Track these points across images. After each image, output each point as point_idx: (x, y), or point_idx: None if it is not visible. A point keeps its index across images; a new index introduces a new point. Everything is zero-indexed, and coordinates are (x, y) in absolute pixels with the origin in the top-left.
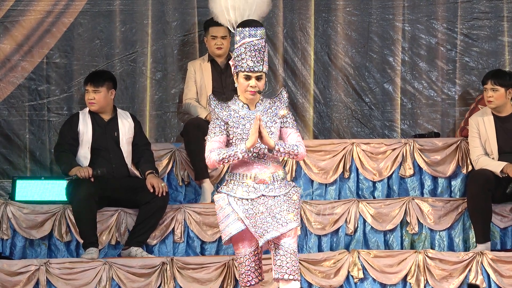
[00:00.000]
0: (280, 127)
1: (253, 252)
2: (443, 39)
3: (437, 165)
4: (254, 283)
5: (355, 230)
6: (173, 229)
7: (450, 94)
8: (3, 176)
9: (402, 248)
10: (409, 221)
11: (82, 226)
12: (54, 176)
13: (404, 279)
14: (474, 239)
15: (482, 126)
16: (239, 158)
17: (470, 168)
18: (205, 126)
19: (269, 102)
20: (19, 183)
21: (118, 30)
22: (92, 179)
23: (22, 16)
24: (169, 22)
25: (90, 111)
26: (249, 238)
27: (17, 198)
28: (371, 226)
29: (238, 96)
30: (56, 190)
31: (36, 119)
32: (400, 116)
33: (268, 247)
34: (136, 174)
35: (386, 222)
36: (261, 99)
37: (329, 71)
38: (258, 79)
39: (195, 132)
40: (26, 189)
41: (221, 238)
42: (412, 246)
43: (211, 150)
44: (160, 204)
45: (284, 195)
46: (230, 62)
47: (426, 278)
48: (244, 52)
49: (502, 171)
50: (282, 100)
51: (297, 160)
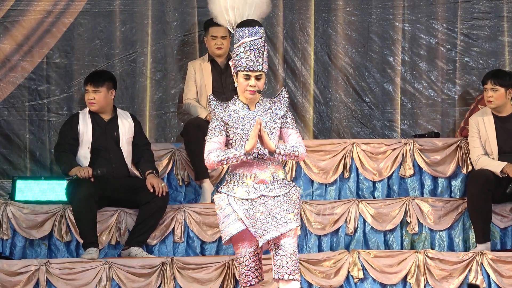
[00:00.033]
0: (280, 128)
1: (253, 252)
2: (443, 39)
3: (437, 165)
4: (254, 283)
5: (355, 230)
6: (173, 229)
7: (450, 94)
8: (3, 176)
9: (402, 248)
10: (409, 221)
11: (82, 226)
12: (54, 176)
13: (404, 279)
14: (474, 239)
15: (482, 126)
16: (238, 160)
17: (470, 168)
18: (205, 126)
19: (269, 102)
20: (19, 183)
21: (118, 30)
22: (92, 179)
23: (22, 16)
24: (169, 22)
25: (90, 111)
26: (249, 238)
27: (17, 198)
28: (371, 226)
29: (238, 96)
30: (56, 190)
31: (36, 119)
32: (400, 116)
33: (268, 247)
34: (136, 174)
35: (386, 222)
36: (261, 99)
37: (329, 71)
38: (258, 79)
39: (195, 132)
40: (26, 189)
41: (221, 238)
42: (412, 246)
43: (210, 151)
44: (160, 204)
45: (284, 195)
46: (230, 63)
47: (426, 278)
48: (243, 51)
49: (502, 171)
50: (282, 100)
51: (297, 161)
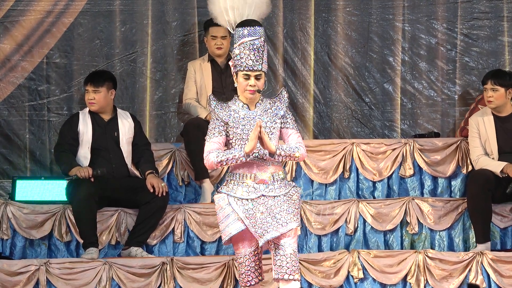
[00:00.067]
0: (280, 128)
1: (253, 252)
2: (443, 39)
3: (437, 165)
4: (254, 283)
5: (355, 230)
6: (173, 229)
7: (450, 94)
8: (3, 176)
9: (402, 248)
10: (409, 221)
11: (82, 226)
12: (54, 176)
13: (404, 279)
14: (474, 239)
15: (482, 126)
16: (238, 162)
17: (470, 168)
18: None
19: (269, 102)
20: (19, 183)
21: (118, 30)
22: (92, 179)
23: (22, 16)
24: (169, 22)
25: (90, 111)
26: (249, 238)
27: (17, 198)
28: (371, 226)
29: (238, 96)
30: (56, 190)
31: (36, 119)
32: (400, 116)
33: (268, 247)
34: (136, 174)
35: (386, 222)
36: (261, 99)
37: (329, 71)
38: (257, 78)
39: (195, 132)
40: (26, 189)
41: (221, 238)
42: (412, 246)
43: (210, 151)
44: (160, 204)
45: (284, 195)
46: (230, 63)
47: (426, 278)
48: (243, 51)
49: (502, 171)
50: (282, 100)
51: (297, 161)
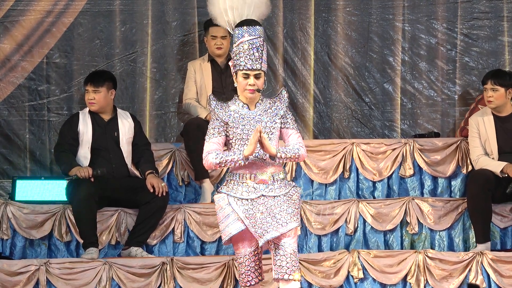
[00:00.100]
0: (280, 128)
1: (253, 252)
2: (443, 39)
3: (437, 165)
4: (254, 283)
5: (355, 230)
6: (173, 229)
7: (450, 94)
8: (3, 176)
9: (402, 248)
10: (409, 221)
11: (82, 226)
12: (54, 176)
13: (404, 279)
14: (474, 239)
15: (482, 126)
16: (236, 164)
17: (470, 168)
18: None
19: (269, 102)
20: (19, 183)
21: (118, 30)
22: (92, 179)
23: (22, 16)
24: (169, 22)
25: (90, 111)
26: (249, 238)
27: (17, 198)
28: (371, 226)
29: (238, 96)
30: (56, 190)
31: (36, 119)
32: (400, 116)
33: (268, 247)
34: (136, 174)
35: (386, 222)
36: (261, 99)
37: (329, 71)
38: (257, 78)
39: (195, 132)
40: (26, 189)
41: (221, 238)
42: (412, 246)
43: (209, 152)
44: (160, 204)
45: (284, 195)
46: (229, 63)
47: (426, 278)
48: (242, 50)
49: (502, 171)
50: (282, 100)
51: (298, 161)
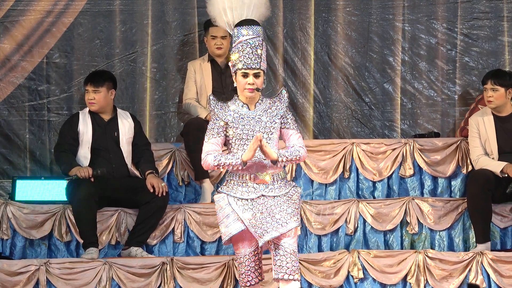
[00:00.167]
0: (280, 128)
1: (253, 252)
2: (443, 39)
3: (437, 165)
4: (254, 283)
5: (355, 230)
6: (173, 229)
7: (450, 94)
8: (3, 176)
9: (402, 248)
10: (409, 221)
11: (82, 226)
12: (54, 176)
13: (404, 279)
14: (474, 239)
15: (482, 126)
16: (234, 168)
17: (470, 168)
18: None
19: (269, 102)
20: (19, 183)
21: (118, 30)
22: (92, 179)
23: (22, 16)
24: (169, 22)
25: (90, 111)
26: (249, 238)
27: (17, 198)
28: (371, 226)
29: (238, 96)
30: (56, 190)
31: (36, 119)
32: (400, 116)
33: (268, 247)
34: (136, 174)
35: (386, 222)
36: (261, 99)
37: (329, 71)
38: (256, 77)
39: (195, 132)
40: (26, 189)
41: (221, 238)
42: (412, 246)
43: (208, 153)
44: (160, 204)
45: (284, 195)
46: (229, 63)
47: (426, 278)
48: (241, 50)
49: (502, 171)
50: (282, 100)
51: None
